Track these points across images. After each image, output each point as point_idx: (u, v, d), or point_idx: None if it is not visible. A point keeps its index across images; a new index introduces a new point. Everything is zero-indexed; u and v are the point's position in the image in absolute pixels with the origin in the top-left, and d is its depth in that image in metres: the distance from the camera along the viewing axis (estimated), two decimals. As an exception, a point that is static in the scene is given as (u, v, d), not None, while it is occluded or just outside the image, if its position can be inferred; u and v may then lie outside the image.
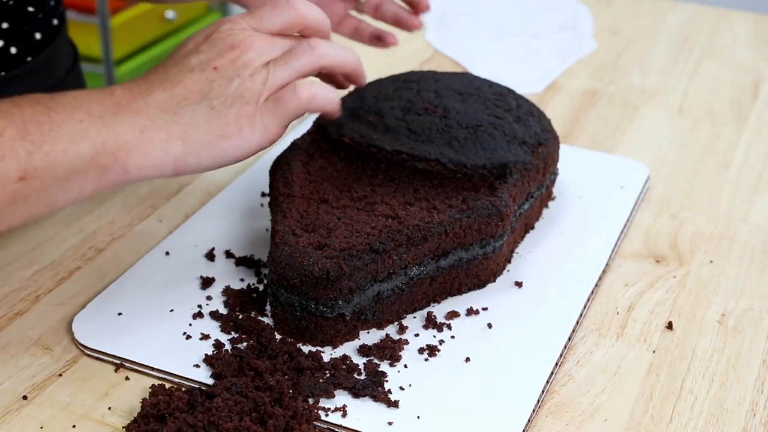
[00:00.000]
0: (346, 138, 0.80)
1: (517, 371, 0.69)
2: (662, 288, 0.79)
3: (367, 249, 0.69)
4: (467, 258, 0.75)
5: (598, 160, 0.96)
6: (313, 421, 0.64)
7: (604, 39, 1.27)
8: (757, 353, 0.73)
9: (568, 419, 0.66)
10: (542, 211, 0.87)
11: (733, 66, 1.20)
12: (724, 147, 1.01)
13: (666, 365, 0.71)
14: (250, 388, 0.64)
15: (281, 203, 0.75)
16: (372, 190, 0.77)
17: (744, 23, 1.32)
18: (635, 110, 1.08)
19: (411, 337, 0.72)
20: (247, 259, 0.79)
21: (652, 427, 0.66)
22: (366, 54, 1.20)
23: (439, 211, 0.74)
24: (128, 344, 0.70)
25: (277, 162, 0.79)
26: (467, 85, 0.85)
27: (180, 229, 0.83)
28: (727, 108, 1.09)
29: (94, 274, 0.79)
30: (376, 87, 0.86)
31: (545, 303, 0.76)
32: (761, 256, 0.84)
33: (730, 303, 0.78)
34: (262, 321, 0.72)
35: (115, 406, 0.66)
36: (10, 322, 0.74)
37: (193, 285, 0.76)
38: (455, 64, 1.19)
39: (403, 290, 0.73)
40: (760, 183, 0.95)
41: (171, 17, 2.48)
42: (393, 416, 0.65)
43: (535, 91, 1.11)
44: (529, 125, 0.83)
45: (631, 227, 0.87)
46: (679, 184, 0.94)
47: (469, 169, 0.77)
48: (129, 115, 0.64)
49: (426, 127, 0.80)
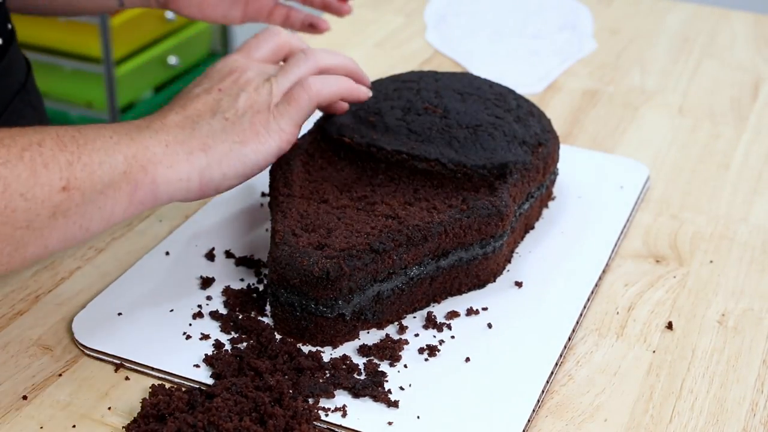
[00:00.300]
0: (346, 138, 0.80)
1: (517, 371, 0.69)
2: (662, 288, 0.79)
3: (367, 249, 0.69)
4: (467, 258, 0.75)
5: (598, 160, 0.96)
6: (313, 421, 0.64)
7: (604, 39, 1.27)
8: (757, 353, 0.73)
9: (568, 419, 0.66)
10: (542, 211, 0.87)
11: (733, 66, 1.20)
12: (724, 147, 1.01)
13: (666, 365, 0.71)
14: (250, 388, 0.64)
15: (281, 203, 0.75)
16: (372, 190, 0.77)
17: (744, 23, 1.32)
18: (635, 110, 1.08)
19: (411, 337, 0.72)
20: (247, 259, 0.79)
21: (652, 427, 0.66)
22: (366, 54, 1.20)
23: (439, 211, 0.74)
24: (128, 344, 0.70)
25: (277, 162, 0.79)
26: (467, 85, 0.85)
27: (180, 229, 0.83)
28: (727, 108, 1.09)
29: (94, 274, 0.79)
30: (376, 87, 0.86)
31: (545, 303, 0.76)
32: (761, 256, 0.84)
33: (730, 303, 0.78)
34: (262, 321, 0.72)
35: (115, 406, 0.66)
36: (10, 322, 0.74)
37: (193, 285, 0.77)
38: (455, 64, 1.19)
39: (403, 290, 0.73)
40: (760, 183, 0.95)
41: (171, 17, 2.47)
42: (393, 416, 0.65)
43: (535, 91, 1.11)
44: (529, 125, 0.83)
45: (631, 227, 0.87)
46: (679, 184, 0.94)
47: (469, 169, 0.77)
48: (152, 131, 0.67)
49: (426, 127, 0.80)
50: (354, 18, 1.30)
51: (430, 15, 1.32)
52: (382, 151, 0.79)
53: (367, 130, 0.81)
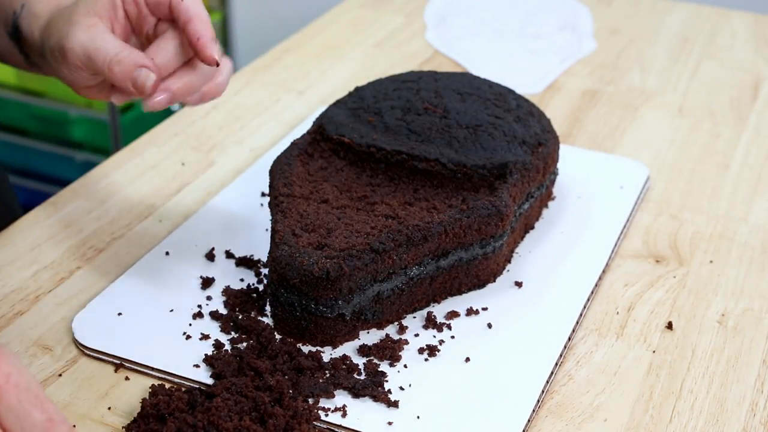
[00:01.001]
0: (345, 138, 0.80)
1: (517, 371, 0.69)
2: (662, 288, 0.79)
3: (367, 249, 0.69)
4: (467, 258, 0.75)
5: (598, 160, 0.96)
6: (313, 421, 0.64)
7: (604, 39, 1.26)
8: (757, 353, 0.73)
9: (568, 419, 0.66)
10: (542, 211, 0.87)
11: (733, 66, 1.20)
12: (724, 147, 1.01)
13: (666, 365, 0.71)
14: (250, 388, 0.64)
15: (281, 203, 0.75)
16: (372, 190, 0.77)
17: (744, 23, 1.32)
18: (635, 110, 1.08)
19: (411, 337, 0.72)
20: (247, 259, 0.79)
21: (652, 427, 0.66)
22: (366, 54, 1.20)
23: (439, 211, 0.74)
24: (128, 344, 0.70)
25: (276, 162, 0.79)
26: (467, 85, 0.85)
27: (180, 229, 0.83)
28: (726, 108, 1.09)
29: (94, 274, 0.79)
30: (376, 87, 0.86)
31: (545, 303, 0.76)
32: (761, 256, 0.84)
33: (730, 303, 0.78)
34: (262, 321, 0.72)
35: (115, 406, 0.66)
36: (10, 322, 0.74)
37: (193, 285, 0.77)
38: (455, 64, 1.19)
39: (403, 290, 0.73)
40: (760, 183, 0.95)
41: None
42: (393, 416, 0.65)
43: (535, 91, 1.11)
44: (529, 125, 0.83)
45: (631, 227, 0.87)
46: (678, 184, 0.94)
47: (469, 169, 0.77)
48: None
49: (426, 127, 0.80)
50: (354, 18, 1.31)
51: (430, 15, 1.32)
52: (381, 151, 0.79)
53: (366, 130, 0.81)
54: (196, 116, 1.04)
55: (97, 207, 0.87)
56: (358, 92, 0.86)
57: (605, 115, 1.07)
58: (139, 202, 0.88)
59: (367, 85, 0.87)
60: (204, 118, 1.04)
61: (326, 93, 1.10)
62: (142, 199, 0.89)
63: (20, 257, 0.81)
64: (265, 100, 1.08)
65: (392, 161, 0.78)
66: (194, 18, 0.69)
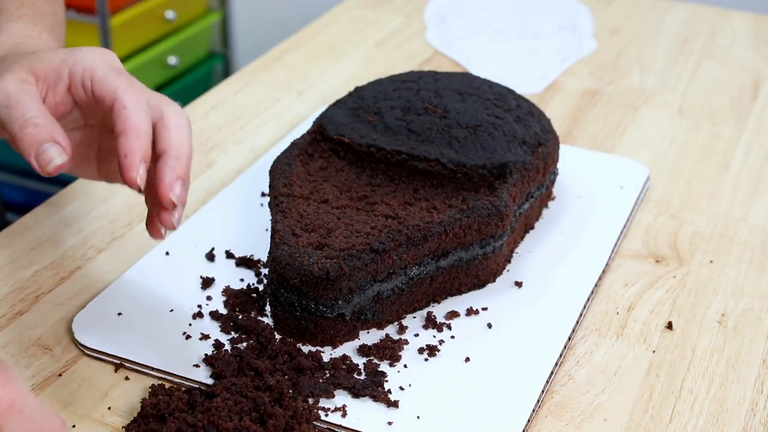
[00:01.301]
0: (345, 138, 0.80)
1: (517, 371, 0.69)
2: (662, 288, 0.79)
3: (367, 249, 0.69)
4: (467, 258, 0.75)
5: (598, 160, 0.96)
6: (313, 421, 0.64)
7: (604, 39, 1.26)
8: (757, 353, 0.73)
9: (568, 419, 0.66)
10: (542, 211, 0.87)
11: (733, 66, 1.20)
12: (724, 147, 1.01)
13: (666, 365, 0.71)
14: (250, 388, 0.64)
15: (281, 203, 0.75)
16: (372, 190, 0.77)
17: (744, 23, 1.32)
18: (635, 110, 1.08)
19: (411, 337, 0.72)
20: (247, 259, 0.79)
21: (652, 427, 0.66)
22: (366, 54, 1.20)
23: (439, 211, 0.74)
24: (128, 344, 0.70)
25: (276, 162, 0.79)
26: (467, 85, 0.85)
27: (180, 229, 0.83)
28: (726, 108, 1.09)
29: (94, 274, 0.79)
30: (376, 87, 0.86)
31: (545, 303, 0.76)
32: (761, 256, 0.84)
33: (730, 303, 0.78)
34: (262, 321, 0.72)
35: (115, 406, 0.66)
36: (10, 322, 0.74)
37: (193, 285, 0.76)
38: (455, 64, 1.19)
39: (403, 290, 0.73)
40: (759, 183, 0.95)
41: (171, 17, 2.48)
42: (393, 416, 0.65)
43: (535, 91, 1.11)
44: (529, 125, 0.83)
45: (631, 227, 0.87)
46: (678, 184, 0.94)
47: (469, 169, 0.77)
48: None
49: (426, 127, 0.80)
50: (354, 18, 1.31)
51: (430, 15, 1.32)
52: (381, 151, 0.79)
53: (366, 130, 0.81)
54: (195, 116, 1.04)
55: (97, 207, 0.87)
56: (358, 92, 0.86)
57: (605, 115, 1.07)
58: (139, 202, 0.88)
59: (367, 85, 0.87)
60: (204, 118, 1.04)
61: (326, 93, 1.10)
62: (142, 199, 0.88)
63: (20, 257, 0.81)
64: (265, 100, 1.08)
65: (392, 161, 0.78)
66: (129, 131, 0.61)
